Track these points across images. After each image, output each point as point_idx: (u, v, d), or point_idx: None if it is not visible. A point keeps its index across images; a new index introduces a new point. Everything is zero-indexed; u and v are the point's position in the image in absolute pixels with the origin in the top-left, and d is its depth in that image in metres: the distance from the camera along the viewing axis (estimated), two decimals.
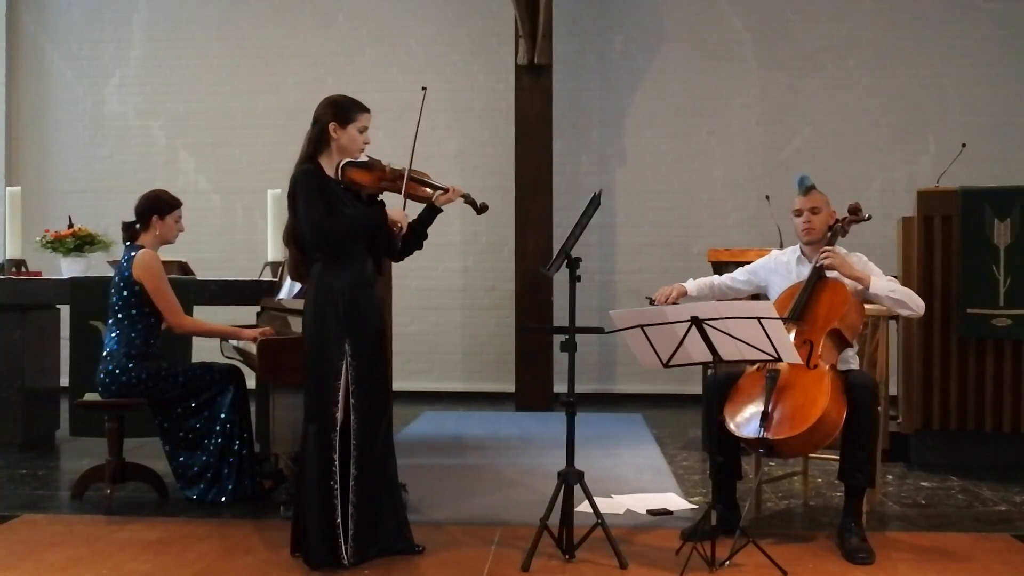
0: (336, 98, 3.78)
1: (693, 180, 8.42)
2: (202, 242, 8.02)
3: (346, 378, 3.62)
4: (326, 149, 3.73)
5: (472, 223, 8.09)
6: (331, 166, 3.73)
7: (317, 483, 3.59)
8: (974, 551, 3.84)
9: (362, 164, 3.76)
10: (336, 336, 3.61)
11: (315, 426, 3.61)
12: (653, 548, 3.83)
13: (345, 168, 3.72)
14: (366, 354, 3.67)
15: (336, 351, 3.61)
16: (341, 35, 8.71)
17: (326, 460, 3.59)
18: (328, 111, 3.72)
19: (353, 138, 3.72)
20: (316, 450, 3.60)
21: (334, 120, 3.70)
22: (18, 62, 8.95)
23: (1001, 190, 5.35)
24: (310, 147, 3.73)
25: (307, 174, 3.66)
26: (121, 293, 4.55)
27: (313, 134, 3.73)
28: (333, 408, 3.60)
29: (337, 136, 3.70)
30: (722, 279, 4.48)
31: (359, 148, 3.76)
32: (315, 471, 3.59)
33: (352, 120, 3.71)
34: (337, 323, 3.61)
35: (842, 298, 3.99)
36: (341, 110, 3.72)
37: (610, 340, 7.90)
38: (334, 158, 3.73)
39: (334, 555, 3.58)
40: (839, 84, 8.31)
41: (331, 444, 3.59)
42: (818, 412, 3.68)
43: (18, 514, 4.37)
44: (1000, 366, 5.34)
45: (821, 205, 4.16)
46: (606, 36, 8.49)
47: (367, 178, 3.73)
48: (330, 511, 3.58)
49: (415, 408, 7.73)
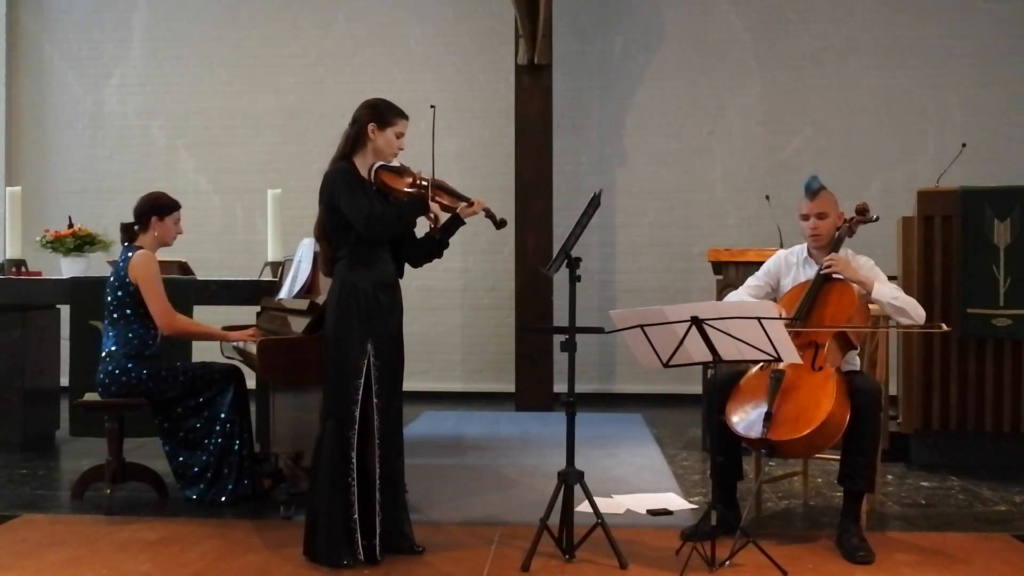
0: (377, 101, 3.82)
1: (693, 180, 8.42)
2: (202, 242, 8.02)
3: (367, 377, 3.65)
4: (361, 149, 3.77)
5: (472, 223, 7.99)
6: (364, 167, 3.77)
7: (334, 480, 3.60)
8: (974, 551, 3.84)
9: (394, 169, 3.81)
10: (359, 335, 3.64)
11: (334, 423, 3.62)
12: (653, 548, 3.83)
13: (378, 171, 3.77)
14: (387, 354, 3.71)
15: (358, 350, 3.64)
16: (341, 35, 8.71)
17: (344, 458, 3.60)
18: (369, 112, 3.77)
19: (389, 141, 3.77)
20: (334, 447, 3.61)
21: (373, 121, 3.74)
22: (18, 62, 8.95)
23: (1001, 190, 5.35)
24: (347, 145, 3.78)
25: (344, 171, 3.71)
26: (116, 293, 4.55)
27: (351, 133, 3.78)
28: (352, 406, 3.62)
29: (374, 138, 3.75)
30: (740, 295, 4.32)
31: (394, 152, 3.80)
32: (332, 468, 3.60)
33: (391, 124, 3.77)
34: (360, 322, 3.65)
35: (848, 300, 3.98)
36: (381, 113, 3.77)
37: (610, 340, 7.90)
38: (368, 159, 3.78)
39: (351, 551, 3.58)
40: (839, 84, 8.31)
41: (350, 442, 3.61)
42: (823, 415, 3.67)
43: (18, 514, 4.37)
44: (1000, 366, 5.34)
45: (828, 209, 4.13)
46: (606, 36, 8.49)
47: (398, 182, 3.77)
48: (347, 508, 3.59)
49: (415, 408, 7.72)
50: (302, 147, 8.42)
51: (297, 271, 4.66)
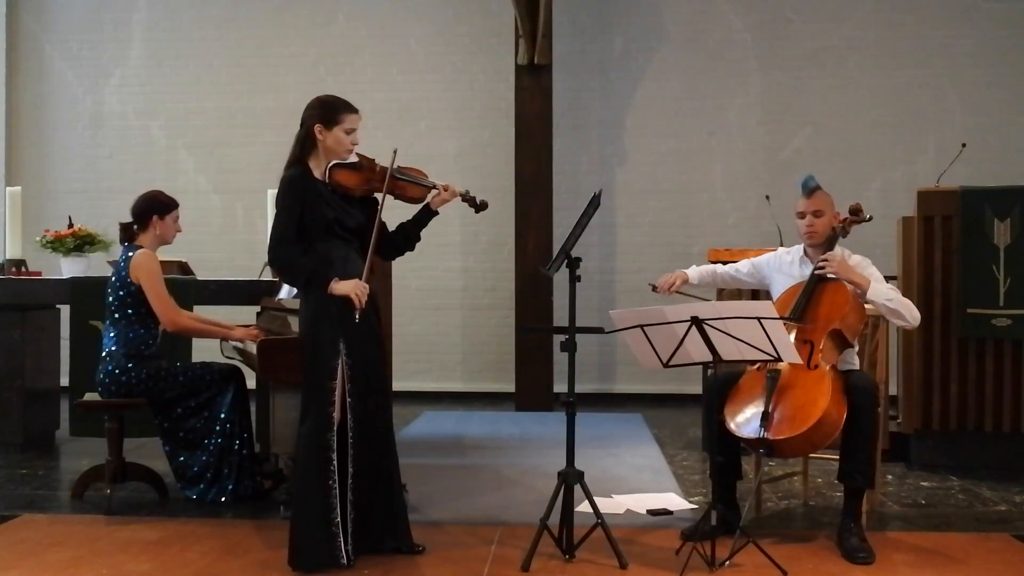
0: (323, 98, 3.73)
1: (693, 180, 8.42)
2: (202, 242, 8.03)
3: (342, 377, 3.60)
4: (313, 151, 3.69)
5: (472, 223, 8.08)
6: (319, 167, 3.69)
7: (313, 483, 3.55)
8: (974, 551, 3.84)
9: (350, 165, 3.70)
10: (331, 336, 3.59)
11: (310, 425, 3.58)
12: (653, 548, 3.83)
13: (332, 170, 3.67)
14: (361, 351, 3.63)
15: (331, 351, 3.58)
16: (341, 35, 8.71)
17: (323, 460, 3.55)
18: (314, 113, 3.67)
19: (339, 140, 3.67)
20: (312, 450, 3.56)
21: (320, 122, 3.65)
22: (18, 62, 8.95)
23: (1001, 190, 5.35)
24: (297, 149, 3.70)
25: (290, 181, 3.63)
26: (118, 293, 4.55)
27: (300, 135, 3.70)
28: (329, 408, 3.57)
29: (323, 138, 3.66)
30: (725, 268, 4.47)
31: (347, 149, 3.69)
32: (311, 471, 3.56)
33: (338, 122, 3.66)
34: (331, 323, 3.59)
35: (843, 299, 3.98)
36: (327, 111, 3.67)
37: (610, 340, 7.90)
38: (322, 160, 3.69)
39: (332, 556, 3.54)
40: (839, 84, 8.31)
41: (328, 444, 3.56)
42: (818, 413, 3.68)
43: (18, 514, 4.37)
44: (1000, 366, 5.34)
45: (824, 208, 4.15)
46: (606, 36, 8.49)
47: (354, 180, 3.68)
48: (328, 511, 3.54)
49: (415, 408, 7.73)
50: None
51: None
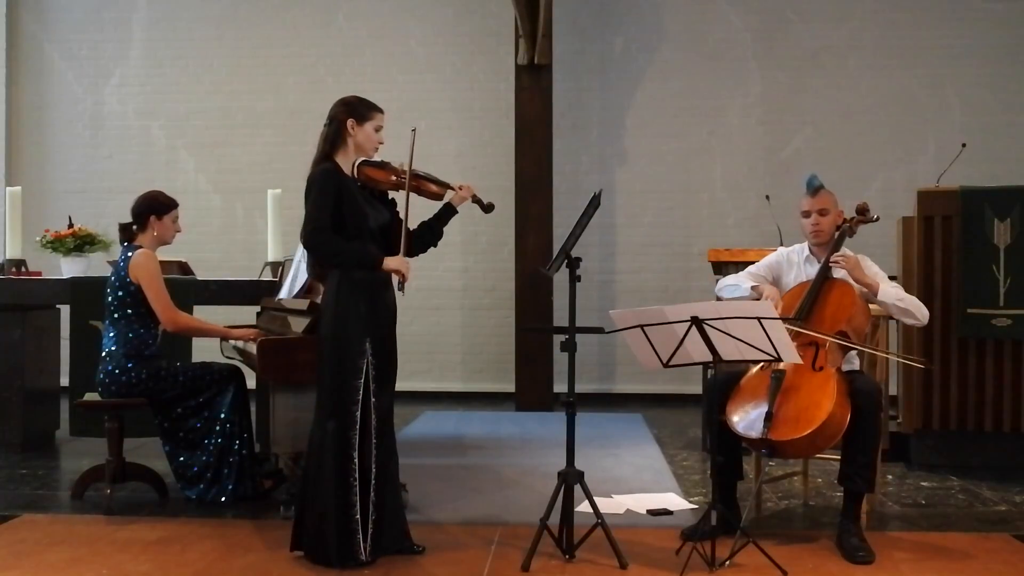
0: (351, 98, 3.82)
1: (693, 180, 8.42)
2: (202, 242, 8.03)
3: (366, 377, 3.64)
4: (342, 147, 3.76)
5: (472, 223, 8.07)
6: (347, 164, 3.76)
7: (335, 482, 3.59)
8: (974, 551, 3.84)
9: (376, 163, 3.80)
10: (357, 335, 3.63)
11: (335, 424, 3.61)
12: (653, 548, 3.83)
13: (361, 166, 3.77)
14: (383, 353, 3.70)
15: (357, 350, 3.63)
16: (341, 35, 8.71)
17: (346, 459, 3.60)
18: (345, 109, 3.77)
19: (369, 136, 3.77)
20: (335, 448, 3.59)
21: (352, 117, 3.74)
22: (18, 62, 8.95)
23: (1001, 190, 5.35)
24: (326, 146, 3.76)
25: (326, 174, 3.68)
26: (117, 293, 4.55)
27: (329, 132, 3.77)
28: (353, 407, 3.61)
29: (354, 133, 3.75)
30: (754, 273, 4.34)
31: (374, 147, 3.80)
32: (333, 469, 3.59)
33: (369, 119, 3.77)
34: (359, 322, 3.64)
35: (849, 300, 3.98)
36: (358, 109, 3.77)
37: (610, 340, 7.90)
38: (350, 156, 3.77)
39: (352, 552, 3.58)
40: (839, 84, 8.31)
41: (351, 443, 3.60)
42: (823, 415, 3.67)
43: (18, 514, 4.37)
44: (1000, 366, 5.34)
45: (829, 206, 4.15)
46: (606, 36, 8.49)
47: (381, 174, 3.77)
48: (349, 508, 3.58)
49: (415, 408, 7.73)
50: (302, 147, 8.30)
51: (297, 271, 4.66)
